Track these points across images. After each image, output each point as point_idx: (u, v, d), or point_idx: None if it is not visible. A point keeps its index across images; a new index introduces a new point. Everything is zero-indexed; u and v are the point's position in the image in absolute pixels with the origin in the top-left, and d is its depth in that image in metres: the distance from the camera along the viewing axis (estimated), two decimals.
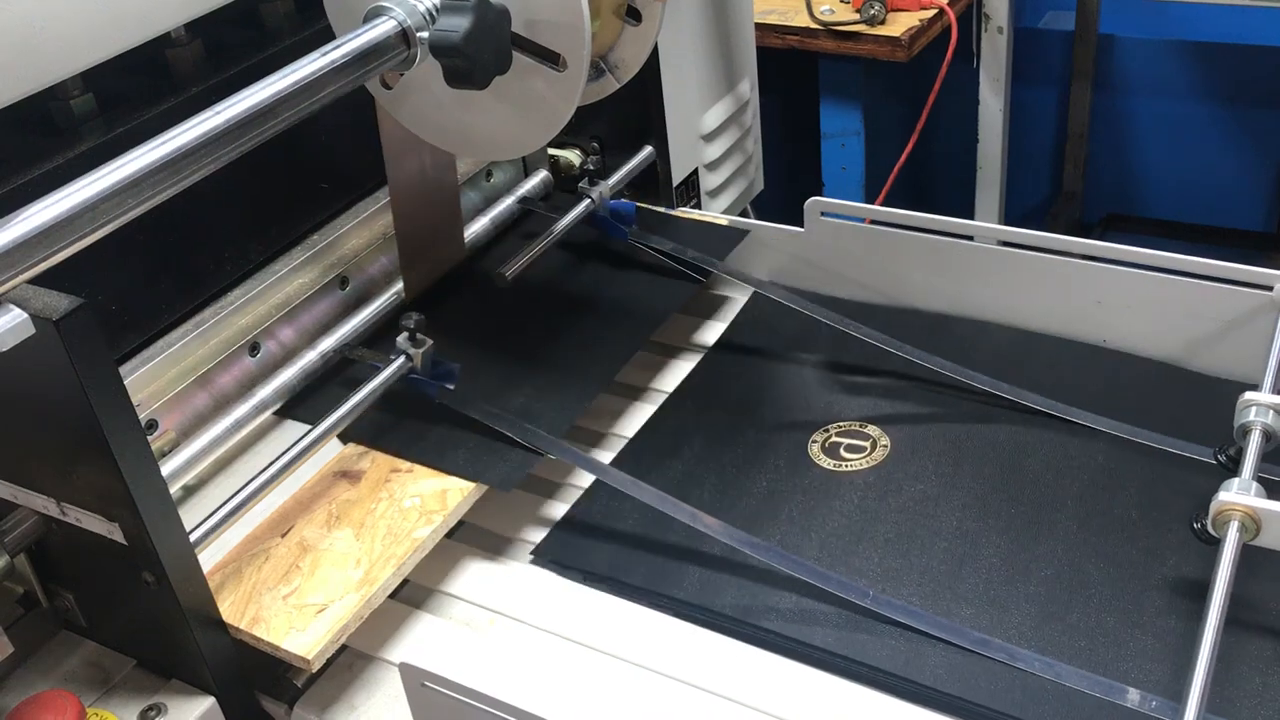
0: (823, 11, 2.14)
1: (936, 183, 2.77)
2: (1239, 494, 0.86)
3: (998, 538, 1.00)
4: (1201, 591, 0.88)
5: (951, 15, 2.14)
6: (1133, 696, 0.84)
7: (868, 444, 1.12)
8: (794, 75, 2.29)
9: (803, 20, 2.15)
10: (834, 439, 1.13)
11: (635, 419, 1.19)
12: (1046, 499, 1.04)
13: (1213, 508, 0.87)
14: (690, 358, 1.28)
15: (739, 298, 1.35)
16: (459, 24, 0.85)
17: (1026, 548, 0.99)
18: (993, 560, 0.98)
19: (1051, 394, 1.14)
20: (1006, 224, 2.17)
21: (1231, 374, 1.14)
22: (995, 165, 2.39)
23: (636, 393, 1.24)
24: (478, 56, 0.86)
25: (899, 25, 2.10)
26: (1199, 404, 1.11)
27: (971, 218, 2.03)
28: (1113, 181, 2.75)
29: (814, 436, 1.14)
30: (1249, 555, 0.87)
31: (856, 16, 2.11)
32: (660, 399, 1.21)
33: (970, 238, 1.25)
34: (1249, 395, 0.96)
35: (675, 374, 1.25)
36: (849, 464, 1.10)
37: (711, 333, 1.31)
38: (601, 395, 1.17)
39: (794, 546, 1.00)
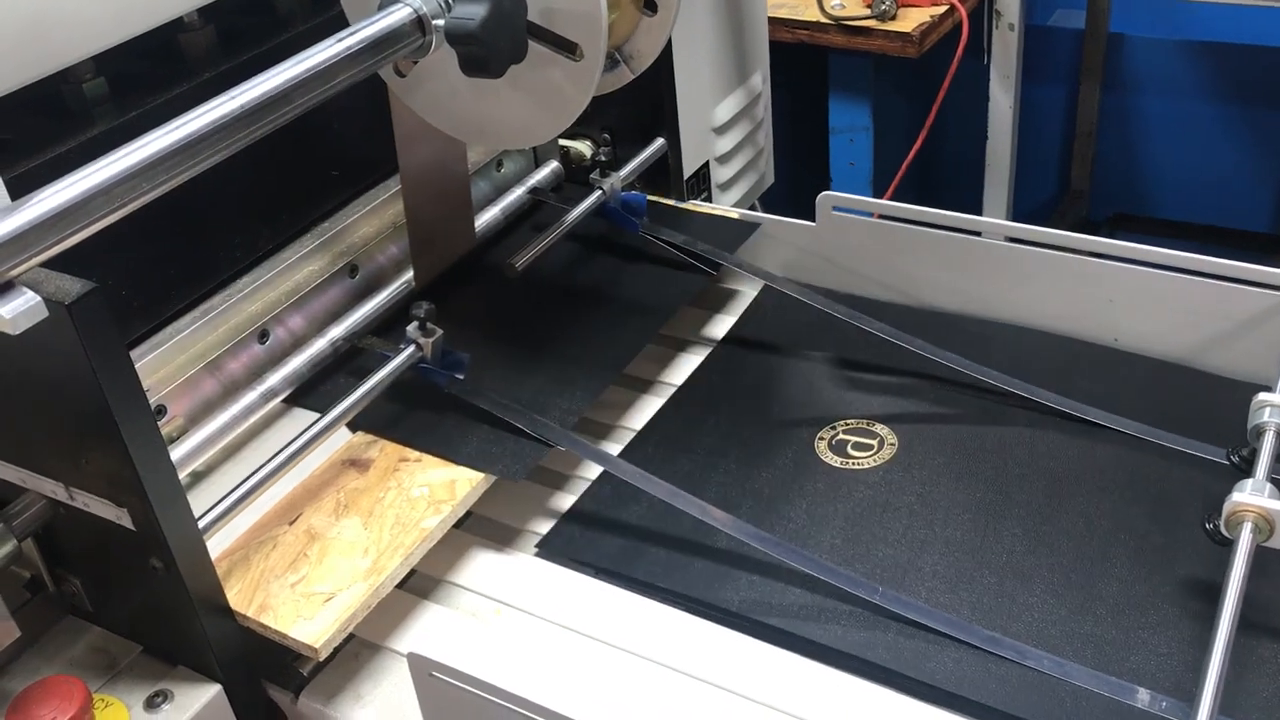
0: (833, 6, 2.13)
1: (944, 179, 2.76)
2: (1253, 495, 0.86)
3: (1006, 537, 1.00)
4: (1212, 592, 0.88)
5: (963, 11, 2.13)
6: (1143, 696, 0.84)
7: (875, 442, 1.12)
8: (803, 70, 2.29)
9: (813, 15, 2.14)
10: (841, 436, 1.13)
11: (643, 412, 1.19)
12: (1056, 499, 1.03)
13: (1226, 509, 0.86)
14: (699, 351, 1.27)
15: (749, 291, 1.35)
16: (476, 11, 0.84)
17: (1035, 547, 0.98)
18: (1001, 560, 0.98)
19: (1062, 393, 1.13)
20: (1014, 222, 2.16)
21: (1244, 374, 1.13)
22: (1004, 163, 2.38)
23: (645, 385, 1.23)
24: (494, 44, 0.85)
25: (910, 21, 2.09)
26: (1211, 404, 1.11)
27: (979, 215, 2.02)
28: (1120, 181, 2.74)
29: (821, 433, 1.13)
30: (1261, 557, 0.86)
31: (867, 12, 2.10)
32: (669, 392, 1.21)
33: (979, 233, 1.24)
34: (1262, 396, 0.96)
35: (684, 367, 1.25)
36: (856, 462, 1.10)
37: (721, 326, 1.31)
38: (610, 387, 1.17)
39: (801, 540, 1.00)
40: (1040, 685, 0.86)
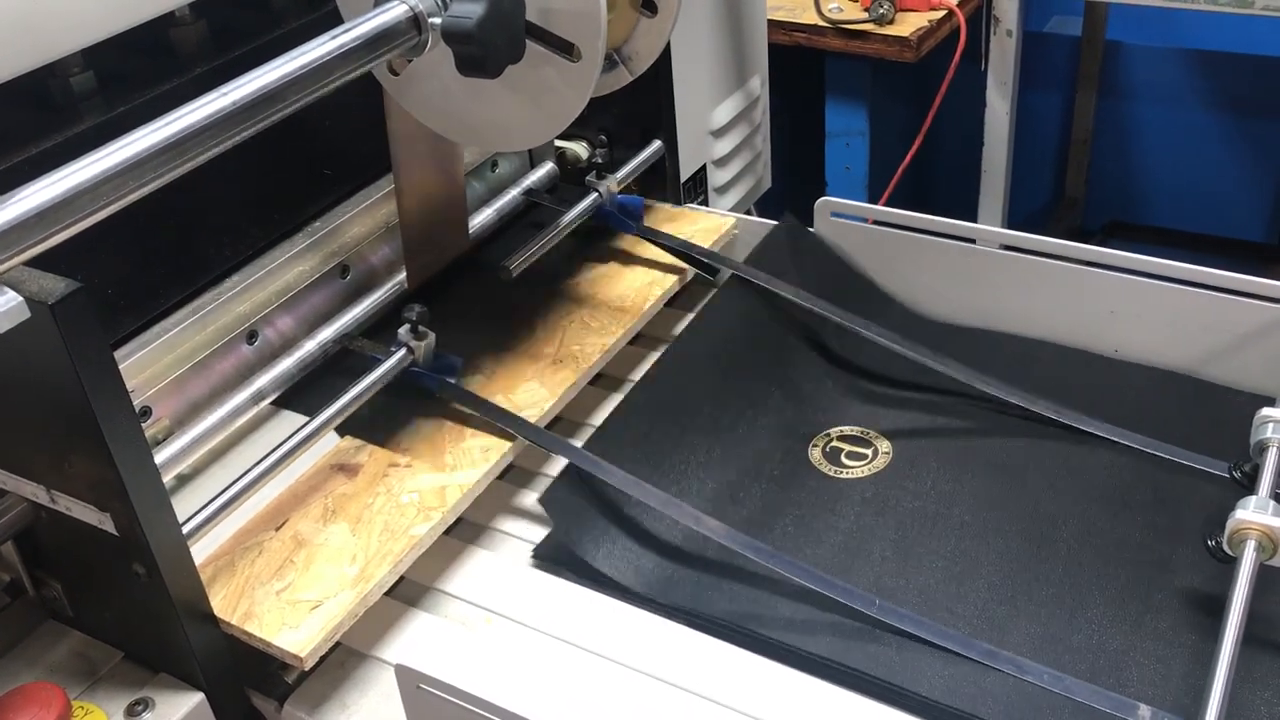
0: (831, 9, 2.12)
1: (939, 185, 2.75)
2: (1256, 512, 0.85)
3: (1001, 550, 0.99)
4: (1212, 607, 0.87)
5: (961, 17, 2.12)
6: (1143, 713, 0.83)
7: (869, 451, 1.11)
8: (799, 73, 2.28)
9: (810, 18, 2.13)
10: (835, 444, 1.12)
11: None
12: (1053, 511, 1.02)
13: (1229, 526, 0.85)
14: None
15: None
16: (473, 10, 0.82)
17: (1032, 561, 0.97)
18: (996, 574, 0.96)
19: (1061, 403, 1.12)
20: (1008, 229, 2.15)
21: (1247, 387, 1.12)
22: (1000, 170, 2.37)
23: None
24: (491, 44, 0.84)
25: (907, 25, 2.09)
26: (1213, 416, 1.10)
27: (974, 221, 2.02)
28: (1115, 188, 2.74)
29: (815, 440, 1.12)
30: (1264, 572, 0.85)
31: (865, 15, 2.09)
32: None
33: (973, 240, 1.23)
34: (1266, 411, 0.95)
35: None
36: (849, 471, 1.08)
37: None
38: (607, 392, 1.15)
39: (791, 553, 0.98)
40: (1039, 700, 0.85)
